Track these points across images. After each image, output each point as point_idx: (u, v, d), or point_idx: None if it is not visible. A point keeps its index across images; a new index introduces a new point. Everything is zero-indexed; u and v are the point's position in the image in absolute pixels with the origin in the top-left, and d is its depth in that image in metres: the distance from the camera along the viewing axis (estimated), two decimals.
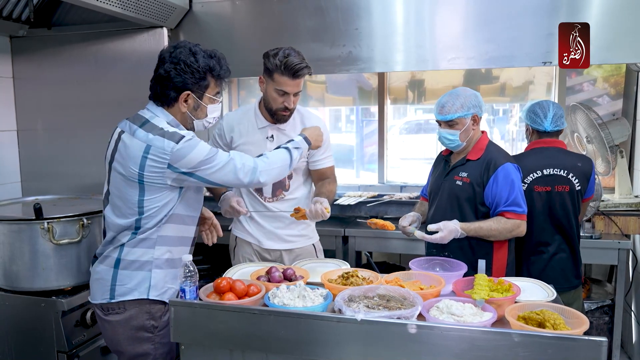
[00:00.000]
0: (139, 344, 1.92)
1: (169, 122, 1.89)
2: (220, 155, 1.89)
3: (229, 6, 3.18)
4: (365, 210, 3.41)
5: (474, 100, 2.29)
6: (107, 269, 1.92)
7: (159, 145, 1.79)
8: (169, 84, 1.85)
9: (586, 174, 2.50)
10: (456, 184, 2.32)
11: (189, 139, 1.83)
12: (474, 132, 2.32)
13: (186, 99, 1.88)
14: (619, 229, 3.06)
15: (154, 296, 1.90)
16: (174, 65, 1.83)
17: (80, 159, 3.23)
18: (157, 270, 1.91)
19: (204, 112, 1.94)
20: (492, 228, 2.21)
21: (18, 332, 2.40)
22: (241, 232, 2.53)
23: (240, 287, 1.77)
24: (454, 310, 1.61)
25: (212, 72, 1.87)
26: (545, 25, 2.79)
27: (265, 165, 1.96)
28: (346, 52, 3.07)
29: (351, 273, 1.93)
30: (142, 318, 1.90)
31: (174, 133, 1.83)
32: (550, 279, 2.40)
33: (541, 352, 1.43)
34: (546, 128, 2.52)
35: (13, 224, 2.33)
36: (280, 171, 2.03)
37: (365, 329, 1.56)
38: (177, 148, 1.79)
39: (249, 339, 1.68)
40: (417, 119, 4.35)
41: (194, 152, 1.82)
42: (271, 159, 1.99)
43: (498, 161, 2.24)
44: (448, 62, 2.97)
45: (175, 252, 1.94)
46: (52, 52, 3.24)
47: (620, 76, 3.59)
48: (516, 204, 2.21)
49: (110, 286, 1.91)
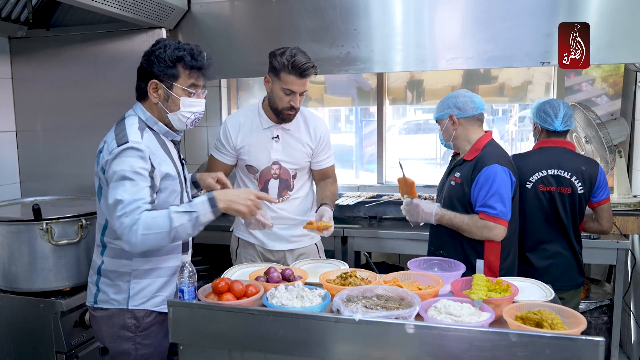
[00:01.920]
0: (120, 342, 1.92)
1: (146, 119, 1.89)
2: (136, 186, 1.70)
3: (227, 7, 3.18)
4: (365, 211, 3.41)
5: (451, 101, 2.36)
6: (92, 274, 1.96)
7: (109, 142, 1.80)
8: (140, 75, 1.88)
9: (591, 178, 2.49)
10: (451, 184, 2.37)
11: (129, 148, 1.74)
12: (457, 132, 2.37)
13: (156, 88, 1.85)
14: (618, 228, 3.06)
15: (134, 306, 1.90)
16: (146, 57, 1.86)
17: (79, 160, 3.22)
18: (136, 281, 1.89)
19: (176, 104, 1.87)
20: (464, 222, 2.26)
21: (17, 333, 2.40)
22: (244, 234, 2.53)
23: (239, 287, 1.76)
24: (452, 310, 1.61)
25: (182, 61, 1.83)
26: (544, 25, 2.79)
27: (145, 226, 1.69)
28: (345, 52, 3.06)
29: (349, 273, 1.93)
30: (124, 317, 1.90)
31: (124, 135, 1.78)
32: (553, 276, 2.43)
33: (539, 352, 1.43)
34: (556, 127, 2.53)
35: (12, 224, 2.33)
36: (156, 239, 1.71)
37: (363, 329, 1.55)
38: (115, 150, 1.75)
39: (248, 339, 1.67)
40: (416, 119, 4.35)
41: (121, 161, 1.72)
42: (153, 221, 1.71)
43: (485, 162, 2.25)
44: (447, 62, 2.97)
45: (159, 261, 1.92)
46: (51, 53, 3.23)
47: (618, 76, 3.59)
48: (490, 205, 2.20)
49: (94, 291, 1.94)
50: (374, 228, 3.34)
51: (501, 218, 2.20)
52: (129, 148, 1.75)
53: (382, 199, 3.47)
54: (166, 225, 1.69)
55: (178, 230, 1.71)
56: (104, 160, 1.78)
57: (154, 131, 1.91)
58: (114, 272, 1.89)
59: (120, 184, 1.71)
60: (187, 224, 1.72)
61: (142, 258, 1.89)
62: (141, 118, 1.89)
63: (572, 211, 2.50)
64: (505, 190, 2.21)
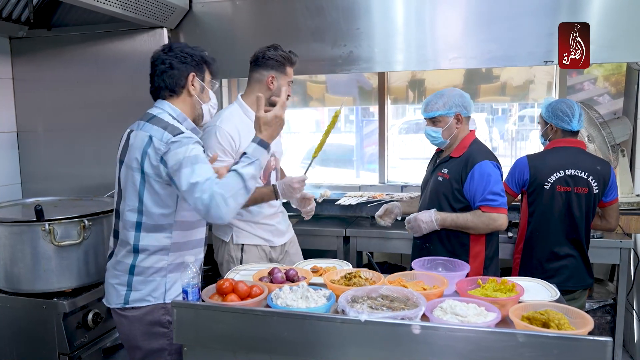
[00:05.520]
0: (155, 339, 1.95)
1: (176, 116, 1.95)
2: (203, 167, 1.82)
3: (229, 6, 3.17)
4: (367, 211, 3.41)
5: (458, 100, 2.39)
6: (119, 275, 1.96)
7: (159, 137, 1.85)
8: (174, 72, 1.95)
9: (604, 178, 2.51)
10: (438, 180, 2.42)
11: (188, 137, 1.86)
12: (459, 131, 2.41)
13: (193, 82, 1.98)
14: (621, 228, 3.05)
15: (171, 299, 1.93)
16: (174, 56, 1.96)
17: (81, 160, 3.22)
18: (171, 275, 1.96)
19: (207, 95, 2.05)
20: (467, 219, 2.31)
21: (19, 334, 2.39)
22: (247, 238, 2.51)
23: (243, 288, 1.76)
24: (458, 311, 1.61)
25: (205, 59, 2.03)
26: (546, 25, 2.79)
27: (225, 194, 1.79)
28: (347, 52, 3.06)
29: (354, 274, 1.93)
30: (158, 313, 1.94)
31: (175, 127, 1.88)
32: (564, 277, 2.43)
33: (547, 353, 1.43)
34: (573, 127, 2.55)
35: (14, 225, 2.32)
36: (237, 198, 1.82)
37: (369, 330, 1.55)
38: (172, 140, 1.83)
39: (252, 340, 1.67)
40: (417, 119, 4.34)
41: (184, 147, 1.82)
42: (228, 187, 1.81)
43: (476, 159, 2.32)
44: (449, 61, 2.97)
45: (190, 254, 1.94)
46: (52, 53, 3.22)
47: (621, 75, 3.58)
48: (490, 198, 2.28)
49: (124, 292, 1.95)
50: (376, 228, 3.33)
51: (503, 207, 2.30)
52: (186, 137, 1.85)
53: (383, 199, 3.46)
54: (240, 182, 1.81)
55: (249, 182, 1.83)
56: (160, 152, 1.84)
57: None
58: (150, 268, 1.93)
59: (190, 169, 1.80)
60: (254, 172, 1.85)
61: (176, 252, 1.96)
62: (172, 115, 1.95)
63: (587, 211, 2.51)
64: (500, 183, 2.32)
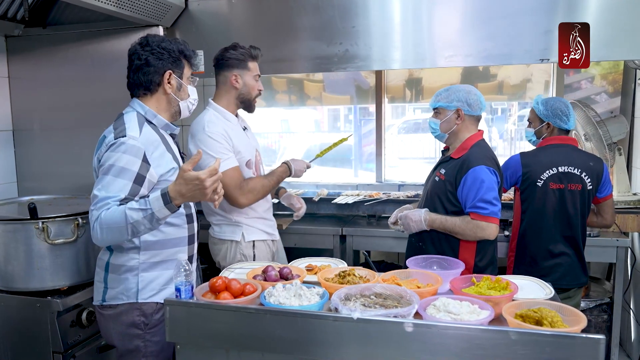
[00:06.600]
0: (129, 340, 1.94)
1: (145, 113, 1.91)
2: (114, 182, 1.73)
3: (225, 4, 3.17)
4: (363, 209, 3.40)
5: (463, 95, 2.33)
6: (99, 271, 1.98)
7: (108, 137, 1.83)
8: (149, 69, 1.90)
9: (598, 174, 2.52)
10: (435, 180, 2.39)
11: (123, 143, 1.77)
12: (459, 128, 2.35)
13: (169, 80, 1.93)
14: (618, 226, 3.04)
15: (143, 299, 1.92)
16: (150, 51, 1.90)
17: (76, 159, 3.21)
18: (144, 274, 1.92)
19: (186, 92, 2.00)
20: (455, 224, 2.26)
21: (13, 333, 2.38)
22: (256, 234, 2.53)
23: (236, 286, 1.75)
24: (451, 309, 1.60)
25: (184, 53, 1.96)
26: (543, 23, 2.78)
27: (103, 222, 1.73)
28: (343, 50, 3.05)
29: (348, 272, 1.92)
30: (133, 314, 1.92)
31: (123, 129, 1.82)
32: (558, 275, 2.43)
33: (539, 350, 1.42)
34: (570, 126, 2.57)
35: (8, 223, 2.31)
36: (114, 234, 1.74)
37: (361, 328, 1.54)
38: (112, 142, 1.79)
39: (245, 338, 1.66)
40: (415, 118, 4.33)
41: (117, 155, 1.75)
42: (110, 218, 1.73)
43: (471, 163, 2.25)
44: (446, 59, 2.96)
45: (167, 254, 1.95)
46: (48, 52, 3.22)
47: (618, 74, 3.57)
48: (480, 205, 2.20)
49: (102, 289, 1.96)
50: (373, 227, 3.34)
51: (493, 217, 2.21)
52: (123, 143, 1.78)
53: (380, 198, 3.46)
54: (122, 221, 1.70)
55: (135, 226, 1.71)
56: (100, 153, 1.82)
57: (153, 125, 1.93)
58: (122, 266, 1.92)
59: (102, 178, 1.76)
60: (143, 220, 1.71)
61: (148, 251, 1.92)
62: (140, 112, 1.92)
63: (582, 208, 2.51)
64: (493, 190, 2.23)
